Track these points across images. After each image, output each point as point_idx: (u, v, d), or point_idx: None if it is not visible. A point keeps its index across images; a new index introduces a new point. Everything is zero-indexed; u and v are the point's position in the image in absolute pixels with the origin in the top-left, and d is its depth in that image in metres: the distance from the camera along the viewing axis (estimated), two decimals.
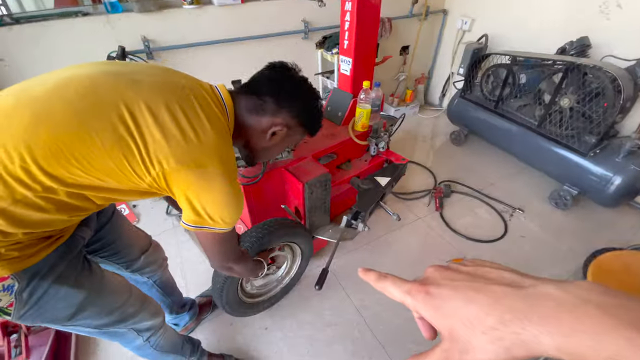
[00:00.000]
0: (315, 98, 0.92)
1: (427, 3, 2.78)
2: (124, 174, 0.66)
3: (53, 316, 0.74)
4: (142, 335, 0.97)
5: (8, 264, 0.63)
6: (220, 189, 0.71)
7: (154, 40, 1.98)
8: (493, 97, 2.33)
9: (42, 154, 0.58)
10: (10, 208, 0.59)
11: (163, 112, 0.66)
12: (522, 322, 0.23)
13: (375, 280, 0.34)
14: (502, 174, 2.44)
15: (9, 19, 1.65)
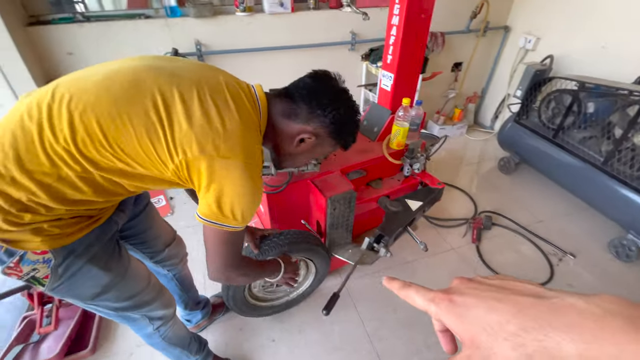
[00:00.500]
0: (352, 112, 0.88)
1: (486, 18, 2.61)
2: (150, 160, 0.68)
3: (80, 293, 0.80)
4: (154, 323, 1.01)
5: (50, 240, 0.69)
6: (239, 182, 0.70)
7: (206, 44, 2.08)
8: (553, 125, 2.10)
9: (81, 138, 0.63)
10: (54, 184, 0.64)
11: (194, 102, 0.69)
12: (545, 329, 0.24)
13: (399, 289, 0.36)
14: (554, 212, 2.19)
15: (81, 17, 1.84)
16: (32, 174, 0.62)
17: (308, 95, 0.81)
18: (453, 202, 2.28)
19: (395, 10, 1.45)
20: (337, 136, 0.87)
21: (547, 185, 2.39)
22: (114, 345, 1.43)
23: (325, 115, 0.81)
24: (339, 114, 0.82)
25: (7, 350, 1.28)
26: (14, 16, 1.68)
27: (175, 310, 1.10)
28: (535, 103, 2.24)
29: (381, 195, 1.64)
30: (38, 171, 0.63)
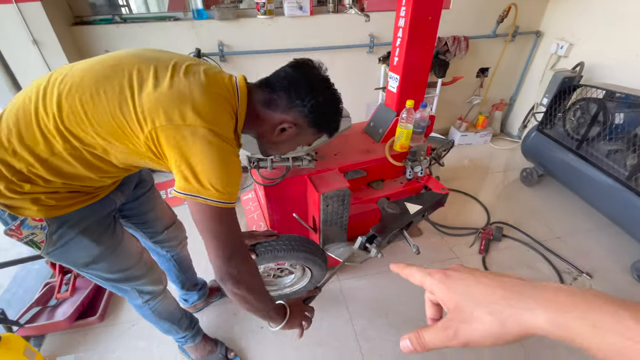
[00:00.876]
0: (332, 100, 0.88)
1: (515, 22, 2.50)
2: (124, 134, 0.71)
3: (73, 260, 0.89)
4: (143, 296, 1.10)
5: (45, 209, 0.77)
6: (209, 149, 0.69)
7: (228, 45, 2.20)
8: (577, 135, 1.97)
9: (66, 114, 0.70)
10: (50, 159, 0.72)
11: (167, 76, 0.72)
12: (522, 299, 0.27)
13: (402, 268, 0.41)
14: (573, 228, 2.04)
15: (118, 18, 2.04)
16: (30, 148, 0.71)
17: (287, 85, 0.81)
18: (465, 211, 2.20)
19: (401, 12, 1.46)
20: (317, 125, 0.87)
21: (571, 200, 2.24)
22: (120, 315, 1.56)
23: (304, 105, 0.81)
24: (318, 103, 0.82)
25: (26, 310, 1.45)
26: (61, 16, 1.91)
27: (164, 287, 1.17)
28: (561, 112, 2.11)
29: (380, 197, 1.64)
30: (35, 146, 0.71)
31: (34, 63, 1.87)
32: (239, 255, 0.79)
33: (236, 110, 0.80)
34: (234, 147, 0.76)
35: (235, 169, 0.75)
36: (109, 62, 0.74)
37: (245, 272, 0.81)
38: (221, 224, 0.76)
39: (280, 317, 0.94)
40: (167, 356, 1.41)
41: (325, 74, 0.87)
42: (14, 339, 1.26)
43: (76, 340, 1.46)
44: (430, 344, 0.33)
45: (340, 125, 0.95)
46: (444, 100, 2.81)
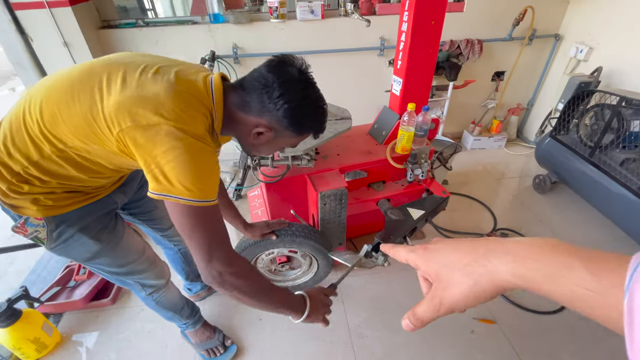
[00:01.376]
0: (309, 101, 0.81)
1: (533, 25, 2.44)
2: (97, 137, 0.72)
3: (74, 255, 0.95)
4: (146, 289, 1.17)
5: (44, 209, 0.82)
6: (176, 148, 0.68)
7: (242, 48, 2.29)
8: (590, 142, 1.91)
9: (47, 119, 0.72)
10: (41, 161, 0.76)
11: (134, 78, 0.72)
12: (489, 257, 0.29)
13: (390, 248, 0.44)
14: (585, 238, 1.98)
15: (142, 22, 2.17)
16: (22, 152, 0.75)
17: (260, 87, 0.77)
18: (471, 216, 2.18)
19: (404, 17, 1.48)
20: (295, 128, 0.82)
21: (584, 209, 2.16)
22: (130, 299, 1.67)
23: (277, 110, 0.77)
24: (291, 106, 0.77)
25: (47, 289, 1.59)
26: (89, 20, 2.06)
27: (167, 281, 1.23)
28: (575, 118, 2.05)
29: (380, 198, 1.67)
30: (26, 150, 0.75)
31: (64, 63, 2.03)
32: (220, 256, 0.77)
33: (211, 110, 0.78)
34: (206, 144, 0.73)
35: (206, 166, 0.73)
36: (86, 68, 0.76)
37: (228, 273, 0.78)
38: (197, 224, 0.74)
39: (298, 310, 0.91)
40: (171, 339, 1.50)
41: (305, 71, 0.80)
42: (34, 315, 1.39)
43: (90, 320, 1.59)
44: (424, 316, 0.35)
45: (325, 126, 0.89)
46: (456, 103, 2.78)
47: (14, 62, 2.09)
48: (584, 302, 0.25)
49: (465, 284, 0.31)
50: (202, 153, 0.72)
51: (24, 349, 1.33)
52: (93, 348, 1.48)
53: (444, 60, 2.38)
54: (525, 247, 0.28)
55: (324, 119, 0.88)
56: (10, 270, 1.93)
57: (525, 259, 0.27)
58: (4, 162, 0.76)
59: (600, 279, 0.24)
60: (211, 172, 0.75)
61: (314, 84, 0.83)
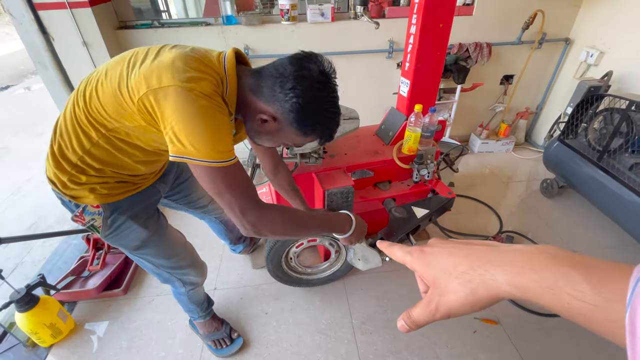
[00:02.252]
0: (322, 102, 0.78)
1: (542, 29, 2.45)
2: (126, 112, 0.76)
3: (125, 243, 1.03)
4: (186, 287, 1.26)
5: (100, 197, 0.92)
6: (184, 108, 0.69)
7: (253, 49, 2.35)
8: (599, 146, 1.91)
9: (88, 104, 0.79)
10: (92, 149, 0.84)
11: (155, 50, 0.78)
12: (486, 266, 0.29)
13: (386, 247, 0.43)
14: (592, 243, 1.97)
15: (157, 23, 2.24)
16: (76, 142, 0.84)
17: (276, 75, 0.76)
18: (477, 218, 2.19)
19: (413, 19, 1.51)
20: (300, 126, 0.79)
21: (592, 214, 2.15)
22: (141, 291, 1.72)
23: (286, 101, 0.75)
24: (300, 102, 0.75)
25: (63, 278, 1.65)
26: (108, 21, 2.14)
27: (204, 279, 1.34)
28: (584, 122, 2.05)
29: (386, 198, 1.69)
30: (78, 139, 0.83)
31: (83, 62, 2.11)
32: (250, 210, 0.78)
33: (222, 77, 0.78)
34: (216, 104, 0.73)
35: (216, 125, 0.72)
36: (120, 55, 0.83)
37: (261, 223, 0.80)
38: (221, 184, 0.75)
39: (340, 228, 1.01)
40: (180, 329, 1.54)
41: (327, 73, 0.78)
42: (51, 301, 1.45)
43: (102, 309, 1.64)
44: (419, 320, 0.35)
45: (333, 134, 0.86)
46: (464, 106, 2.79)
47: (36, 61, 2.18)
48: (583, 315, 0.24)
49: (462, 292, 0.30)
50: (210, 110, 0.72)
51: (40, 333, 1.39)
52: (105, 336, 1.53)
53: (453, 63, 2.39)
54: (523, 256, 0.27)
55: (333, 126, 0.84)
56: (27, 260, 2.01)
57: (523, 269, 0.26)
58: (64, 154, 0.86)
59: (600, 292, 0.23)
60: (221, 130, 0.73)
61: (333, 89, 0.79)
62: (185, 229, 2.09)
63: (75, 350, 1.48)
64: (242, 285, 1.75)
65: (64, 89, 2.18)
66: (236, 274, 1.82)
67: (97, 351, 1.47)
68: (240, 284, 1.76)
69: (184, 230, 2.03)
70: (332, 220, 1.00)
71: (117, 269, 1.76)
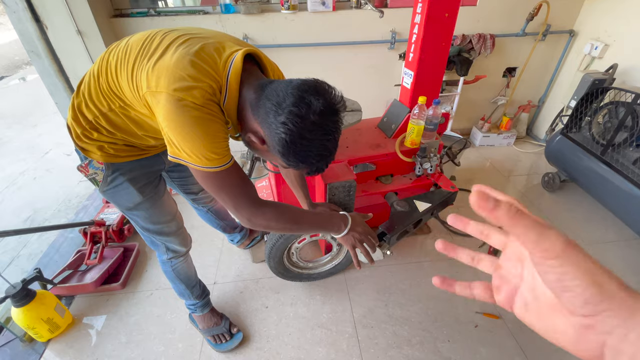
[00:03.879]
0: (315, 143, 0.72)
1: (547, 21, 2.41)
2: (134, 97, 0.80)
3: (119, 202, 1.07)
4: (168, 253, 1.26)
5: (106, 156, 0.96)
6: (175, 116, 0.70)
7: (253, 39, 2.29)
8: (603, 140, 1.89)
9: (111, 78, 0.83)
10: (109, 114, 0.88)
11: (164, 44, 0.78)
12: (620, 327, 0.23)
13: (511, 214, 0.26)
14: (594, 237, 1.96)
15: (153, 11, 2.18)
16: (95, 103, 0.88)
17: (274, 100, 0.71)
18: None
19: (418, 8, 1.47)
20: (285, 159, 0.75)
21: (594, 208, 2.14)
22: (140, 285, 1.70)
23: (276, 133, 0.71)
24: (287, 140, 0.70)
25: (60, 272, 1.62)
26: (102, 9, 2.08)
27: (187, 250, 1.33)
28: (588, 115, 2.02)
29: (388, 191, 1.67)
30: (98, 102, 0.87)
31: (77, 51, 2.05)
32: (245, 207, 0.86)
33: (220, 86, 0.76)
34: (209, 112, 0.73)
35: (207, 135, 0.72)
36: (145, 34, 0.84)
37: (256, 217, 0.88)
38: (216, 185, 0.82)
39: (335, 227, 1.05)
40: (178, 324, 1.53)
41: (328, 112, 0.71)
42: (48, 296, 1.43)
43: (100, 304, 1.62)
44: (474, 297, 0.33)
45: (321, 171, 0.81)
46: (466, 99, 2.76)
47: (29, 50, 2.12)
48: None
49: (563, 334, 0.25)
50: (202, 121, 0.72)
51: (37, 328, 1.37)
52: (103, 330, 1.51)
53: (455, 55, 2.35)
54: None
55: (320, 166, 0.78)
56: (23, 253, 1.98)
57: None
58: (82, 110, 0.90)
59: None
60: (213, 139, 0.74)
61: (329, 131, 0.73)
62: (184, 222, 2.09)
63: (74, 344, 1.46)
64: (242, 279, 1.74)
65: (58, 78, 2.13)
66: (236, 267, 1.80)
67: (95, 345, 1.46)
68: (240, 278, 1.74)
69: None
70: (326, 219, 1.06)
71: (115, 263, 1.73)
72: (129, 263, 1.75)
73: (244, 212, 0.86)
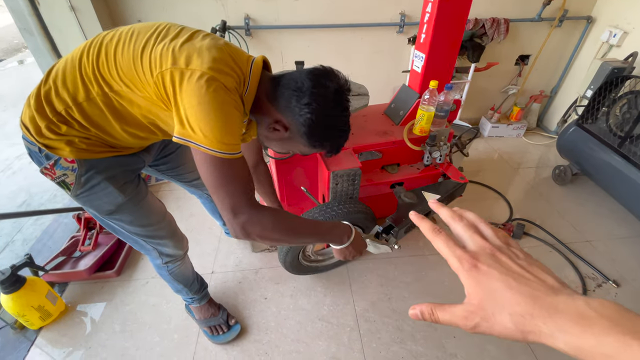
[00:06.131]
0: (335, 120, 0.82)
1: (564, 6, 2.29)
2: (139, 79, 0.75)
3: (98, 206, 0.93)
4: (163, 258, 1.16)
5: (77, 151, 0.83)
6: (204, 96, 0.69)
7: (254, 19, 2.19)
8: (620, 132, 1.80)
9: (101, 60, 0.77)
10: (85, 103, 0.78)
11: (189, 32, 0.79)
12: (546, 319, 0.27)
13: (429, 230, 0.38)
14: (606, 232, 1.89)
15: None
16: (70, 91, 0.78)
17: (294, 87, 0.79)
18: (485, 205, 2.10)
19: None
20: (309, 140, 0.83)
21: (607, 203, 2.07)
22: (135, 273, 1.65)
23: (300, 115, 0.78)
24: (313, 119, 0.78)
25: (52, 259, 1.57)
26: None
27: (185, 253, 1.24)
28: (605, 106, 1.93)
29: (394, 181, 1.60)
30: (74, 89, 0.78)
31: (71, 28, 1.95)
32: (244, 212, 0.78)
33: (245, 78, 0.81)
34: (234, 100, 0.75)
35: (229, 119, 0.73)
36: (151, 22, 0.83)
37: (250, 222, 0.78)
38: (220, 177, 0.75)
39: (337, 239, 0.99)
40: (174, 313, 1.48)
41: (342, 91, 0.82)
42: (39, 282, 1.37)
43: (94, 291, 1.57)
44: (444, 322, 0.34)
45: (341, 148, 0.89)
46: (476, 87, 2.66)
47: (21, 27, 2.02)
48: None
49: (511, 329, 0.29)
50: (227, 105, 0.73)
51: (27, 316, 1.33)
52: (97, 319, 1.46)
53: (467, 40, 2.24)
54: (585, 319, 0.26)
55: (341, 143, 0.88)
56: (17, 238, 1.93)
57: (585, 333, 0.26)
58: (50, 99, 0.79)
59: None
60: (232, 124, 0.75)
61: (346, 107, 0.83)
62: (181, 210, 2.03)
63: (67, 332, 1.42)
64: (241, 269, 1.68)
65: (51, 57, 2.04)
66: (235, 257, 1.75)
67: (89, 334, 1.41)
68: (239, 268, 1.69)
69: (180, 210, 1.96)
70: (329, 229, 0.98)
71: (109, 250, 1.68)
72: (124, 250, 1.70)
73: (241, 216, 0.77)
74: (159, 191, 2.17)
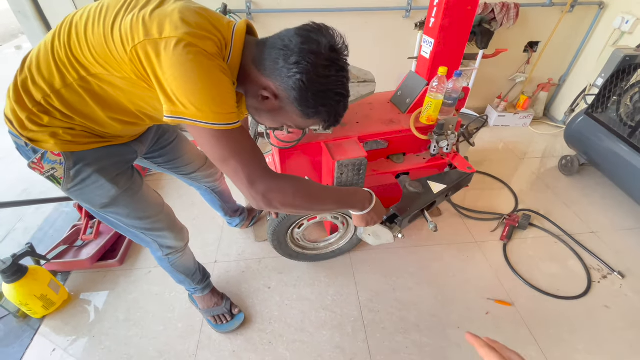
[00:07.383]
0: (330, 82, 0.71)
1: None
2: (114, 59, 0.68)
3: (91, 199, 0.90)
4: (163, 250, 1.14)
5: (62, 143, 0.78)
6: (185, 64, 0.62)
7: (256, 3, 2.12)
8: (631, 121, 1.75)
9: (73, 42, 0.71)
10: (63, 90, 0.73)
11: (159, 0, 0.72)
12: None
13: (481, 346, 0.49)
14: (612, 224, 1.87)
15: None
16: (46, 78, 0.72)
17: (281, 46, 0.69)
18: (491, 195, 2.08)
19: None
20: (302, 106, 0.72)
21: (614, 194, 2.04)
22: (138, 262, 1.64)
23: (289, 77, 0.68)
24: (303, 80, 0.67)
25: (54, 248, 1.56)
26: None
27: (186, 244, 1.21)
28: (616, 94, 1.88)
29: (399, 171, 1.57)
30: (50, 76, 0.72)
31: (67, 11, 1.89)
32: (260, 178, 0.75)
33: (226, 42, 0.72)
34: (219, 65, 0.68)
35: (219, 86, 0.66)
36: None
37: (273, 193, 0.76)
38: (225, 149, 0.70)
39: (359, 204, 0.97)
40: (178, 303, 1.48)
41: (337, 49, 0.70)
42: (41, 271, 1.36)
43: (97, 280, 1.57)
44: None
45: (340, 118, 0.79)
46: (482, 75, 2.60)
47: (16, 10, 1.96)
48: None
49: None
50: (213, 70, 0.66)
51: (30, 304, 1.32)
52: (100, 307, 1.46)
53: (476, 25, 2.17)
54: None
55: (340, 110, 0.77)
56: (19, 227, 1.91)
57: None
58: (27, 88, 0.74)
59: None
60: (224, 91, 0.68)
61: (342, 67, 0.72)
62: (182, 199, 2.01)
63: (70, 321, 1.42)
64: (244, 258, 1.67)
65: (42, 30, 1.98)
66: (238, 246, 1.74)
67: (92, 322, 1.41)
68: (242, 257, 1.68)
69: (180, 200, 1.94)
70: (350, 194, 0.94)
71: (111, 239, 1.67)
72: (127, 239, 1.69)
73: (260, 185, 0.74)
74: (160, 180, 2.14)
